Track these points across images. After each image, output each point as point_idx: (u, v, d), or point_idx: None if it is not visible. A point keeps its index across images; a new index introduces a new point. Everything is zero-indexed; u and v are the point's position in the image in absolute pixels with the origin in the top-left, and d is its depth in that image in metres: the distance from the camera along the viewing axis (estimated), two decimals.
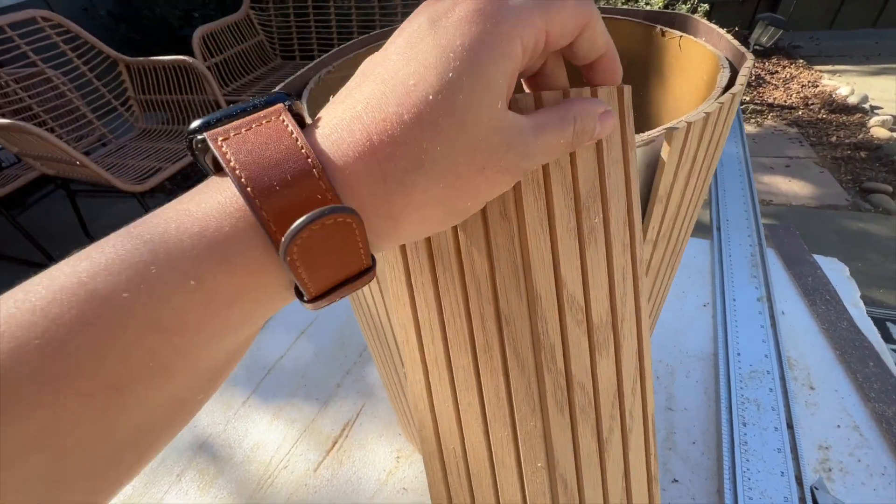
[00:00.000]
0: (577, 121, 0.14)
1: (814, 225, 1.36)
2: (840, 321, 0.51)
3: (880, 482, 0.38)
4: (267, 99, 0.12)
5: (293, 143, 0.12)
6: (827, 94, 2.03)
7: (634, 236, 0.15)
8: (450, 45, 0.12)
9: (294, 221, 0.11)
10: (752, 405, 0.43)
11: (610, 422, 0.17)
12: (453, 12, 0.12)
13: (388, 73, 0.12)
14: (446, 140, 0.12)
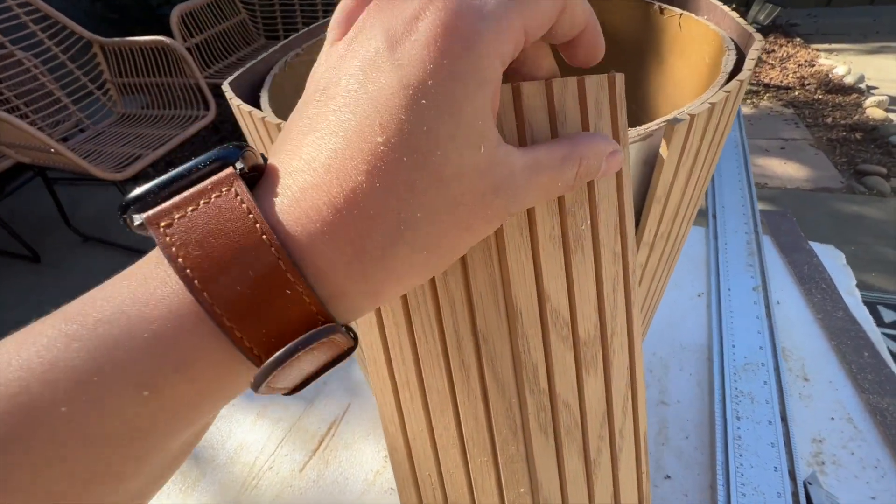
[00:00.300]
0: (582, 163, 0.12)
1: (808, 208, 1.35)
2: (836, 311, 0.50)
3: (873, 475, 0.37)
4: (214, 155, 0.10)
5: (251, 228, 0.10)
6: (823, 74, 2.00)
7: (627, 244, 0.14)
8: (419, 86, 0.10)
9: (261, 325, 0.10)
10: (747, 398, 0.42)
11: (598, 442, 0.16)
12: (416, 30, 0.10)
13: (346, 120, 0.10)
14: (426, 203, 0.10)
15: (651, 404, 0.44)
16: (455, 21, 0.10)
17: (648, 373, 0.47)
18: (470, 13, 0.10)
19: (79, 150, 1.30)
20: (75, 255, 1.51)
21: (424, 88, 0.10)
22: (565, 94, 0.12)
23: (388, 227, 0.10)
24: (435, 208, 0.10)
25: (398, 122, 0.10)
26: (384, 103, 0.10)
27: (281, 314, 0.10)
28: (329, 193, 0.10)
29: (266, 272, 0.10)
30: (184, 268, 0.09)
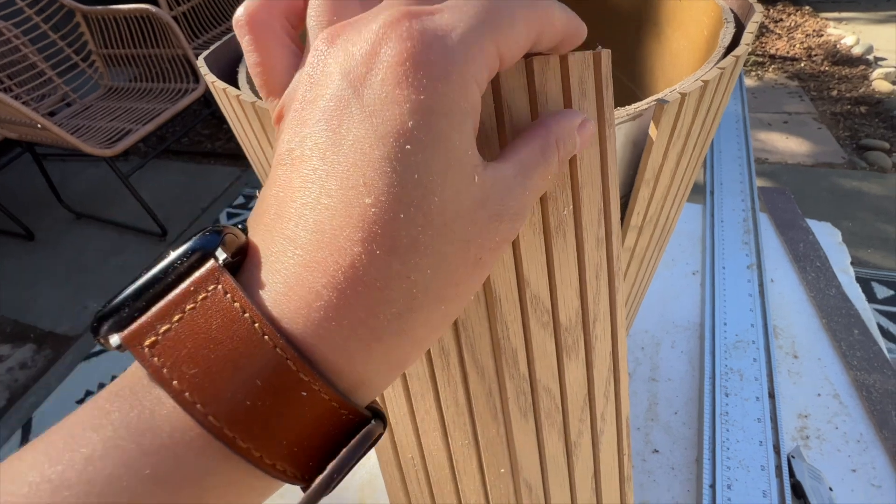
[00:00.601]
0: (561, 146, 0.11)
1: (808, 184, 1.34)
2: (829, 288, 0.51)
3: (855, 448, 0.38)
4: (191, 247, 0.09)
5: (249, 330, 0.08)
6: (831, 45, 1.94)
7: (611, 229, 0.13)
8: (398, 131, 0.08)
9: (280, 437, 0.08)
10: (736, 375, 0.43)
11: (579, 425, 0.16)
12: (378, 67, 0.08)
13: (324, 185, 0.09)
14: (433, 255, 0.09)
15: (642, 381, 0.45)
16: (423, 51, 0.08)
17: (640, 350, 0.48)
18: (436, 41, 0.08)
19: (67, 126, 1.27)
20: (69, 232, 1.50)
21: (405, 132, 0.08)
22: (547, 74, 0.11)
23: (398, 293, 0.09)
24: (444, 257, 0.09)
25: (384, 176, 0.08)
26: (364, 159, 0.08)
27: (300, 420, 0.09)
28: (326, 273, 0.09)
29: (275, 378, 0.08)
30: (181, 391, 0.08)
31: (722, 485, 0.36)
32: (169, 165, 1.73)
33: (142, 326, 0.08)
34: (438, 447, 0.17)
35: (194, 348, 0.08)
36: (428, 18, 0.09)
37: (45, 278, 1.36)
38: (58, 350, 1.17)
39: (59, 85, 1.35)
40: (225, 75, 0.22)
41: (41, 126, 1.03)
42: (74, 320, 1.23)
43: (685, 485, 0.37)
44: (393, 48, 0.08)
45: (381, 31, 0.09)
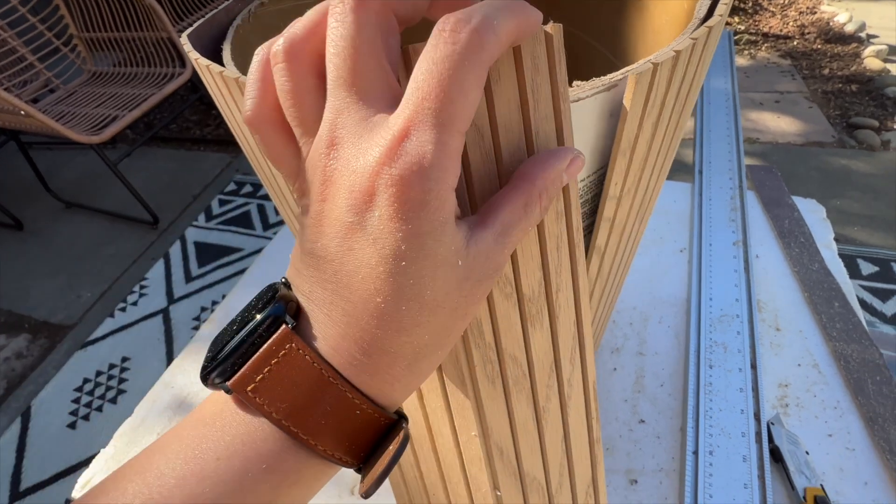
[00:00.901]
0: (544, 197, 0.13)
1: (797, 163, 1.35)
2: (812, 263, 0.52)
3: (832, 415, 0.40)
4: (267, 315, 0.13)
5: (320, 375, 0.12)
6: (824, 22, 1.93)
7: (570, 201, 0.14)
8: (395, 254, 0.11)
9: (346, 442, 0.13)
10: (720, 348, 0.44)
11: (547, 391, 0.17)
12: (376, 206, 0.11)
13: (346, 285, 0.12)
14: (432, 327, 0.12)
15: (630, 355, 0.46)
16: (406, 192, 0.11)
17: (628, 325, 0.49)
18: (414, 179, 0.11)
19: (51, 112, 1.25)
20: (59, 221, 1.48)
21: (400, 253, 0.11)
22: None
23: (408, 353, 0.12)
24: (440, 325, 0.12)
25: (388, 284, 0.11)
26: (372, 273, 0.11)
27: (357, 428, 0.13)
28: (357, 344, 0.12)
29: (338, 404, 0.12)
30: (278, 419, 0.12)
31: (704, 451, 0.37)
32: (158, 152, 1.71)
33: (243, 377, 0.12)
34: (415, 407, 0.18)
35: (282, 390, 0.12)
36: (404, 155, 0.11)
37: (37, 268, 1.35)
38: (53, 339, 1.17)
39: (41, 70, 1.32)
40: (209, 53, 0.22)
41: (25, 113, 1.01)
42: (69, 309, 1.23)
43: (670, 452, 0.39)
44: (385, 193, 0.11)
45: (371, 179, 0.11)
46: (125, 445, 0.44)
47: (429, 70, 0.11)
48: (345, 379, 0.12)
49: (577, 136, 0.15)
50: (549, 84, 0.13)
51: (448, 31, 0.11)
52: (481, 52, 0.11)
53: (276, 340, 0.12)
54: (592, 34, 0.28)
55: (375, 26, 0.11)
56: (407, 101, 0.11)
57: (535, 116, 0.13)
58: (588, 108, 0.15)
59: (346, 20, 0.11)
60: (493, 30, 0.11)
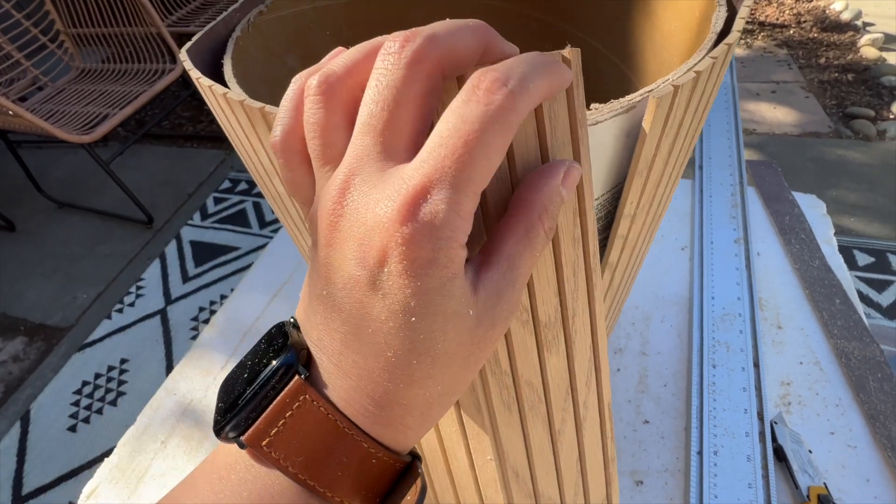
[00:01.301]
0: (545, 217, 0.12)
1: (794, 154, 1.35)
2: (813, 260, 0.52)
3: (834, 412, 0.40)
4: (279, 364, 0.12)
5: (335, 427, 0.12)
6: (820, 11, 1.93)
7: (587, 227, 0.13)
8: (404, 309, 0.11)
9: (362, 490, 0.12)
10: (723, 347, 0.45)
11: (562, 414, 0.17)
12: (387, 263, 0.11)
13: (357, 339, 0.12)
14: (443, 378, 0.12)
15: (633, 355, 0.46)
16: (416, 251, 0.11)
17: (631, 325, 0.49)
18: (425, 239, 0.10)
19: (39, 111, 1.22)
20: (51, 222, 1.46)
21: (410, 309, 0.11)
22: None
23: (420, 404, 0.12)
24: (452, 375, 0.12)
25: (398, 339, 0.11)
26: (382, 328, 0.11)
27: (373, 476, 0.13)
28: (369, 396, 0.12)
29: (356, 454, 0.12)
30: (294, 473, 0.12)
31: (709, 451, 0.37)
32: (150, 150, 1.69)
33: (258, 431, 0.12)
34: (430, 433, 0.17)
35: (298, 443, 0.12)
36: (417, 214, 0.10)
37: (31, 270, 1.33)
38: (50, 342, 1.16)
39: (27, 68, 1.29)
40: (209, 66, 0.22)
41: (12, 113, 0.99)
42: (65, 311, 1.22)
43: (674, 452, 0.39)
44: (396, 253, 0.11)
45: (382, 236, 0.11)
46: (129, 454, 0.44)
47: (456, 128, 0.10)
48: (359, 429, 0.12)
49: (593, 156, 0.15)
50: (567, 110, 0.12)
51: (483, 89, 0.10)
52: (513, 116, 0.10)
53: (289, 392, 0.12)
54: (600, 39, 0.28)
55: (423, 84, 0.11)
56: (428, 155, 0.11)
57: (553, 143, 0.12)
58: (605, 129, 0.14)
59: (396, 71, 0.11)
60: (529, 93, 0.11)
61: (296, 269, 0.59)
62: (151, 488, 0.41)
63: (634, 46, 0.27)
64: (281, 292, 0.56)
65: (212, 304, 1.19)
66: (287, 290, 0.56)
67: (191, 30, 1.43)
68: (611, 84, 0.29)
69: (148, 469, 0.43)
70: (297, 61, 0.28)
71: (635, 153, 0.15)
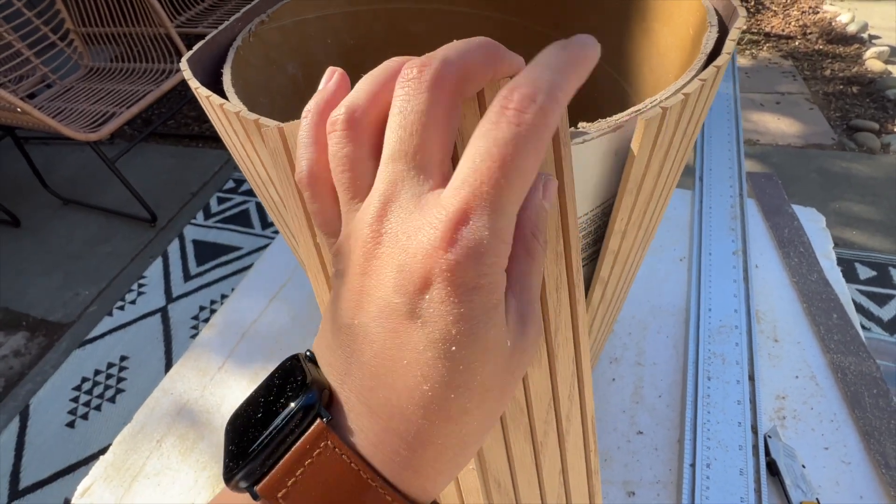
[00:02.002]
0: (538, 232, 0.12)
1: (797, 165, 1.35)
2: (811, 273, 0.52)
3: (829, 427, 0.40)
4: (299, 406, 0.11)
5: (358, 478, 0.11)
6: (826, 22, 1.93)
7: (570, 243, 0.14)
8: (445, 338, 0.10)
9: None
10: (718, 359, 0.45)
11: (545, 426, 0.17)
12: (429, 289, 0.10)
13: (390, 371, 0.11)
14: (479, 415, 0.12)
15: (628, 365, 0.46)
16: (459, 275, 0.10)
17: (627, 335, 0.49)
18: (469, 262, 0.10)
19: (47, 109, 1.24)
20: (56, 218, 1.47)
21: (450, 338, 0.10)
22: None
23: (454, 444, 0.12)
24: (488, 409, 0.12)
25: (436, 370, 0.11)
26: (419, 358, 0.11)
27: None
28: (401, 437, 0.11)
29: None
30: None
31: (701, 464, 0.37)
32: (156, 149, 1.70)
33: (273, 481, 0.11)
34: None
35: (316, 495, 0.11)
36: (460, 240, 0.10)
37: (35, 265, 1.34)
38: (51, 337, 1.17)
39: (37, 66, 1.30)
40: (210, 76, 0.22)
41: (21, 110, 1.00)
42: (67, 307, 1.23)
43: (667, 464, 0.39)
44: (440, 277, 0.10)
45: (425, 263, 0.10)
46: (124, 452, 0.44)
47: (489, 152, 0.10)
48: (385, 479, 0.11)
49: (581, 174, 0.15)
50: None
51: (513, 109, 0.10)
52: (545, 132, 0.10)
53: (309, 438, 0.11)
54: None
55: (445, 106, 0.11)
56: (464, 181, 0.10)
57: None
58: (593, 147, 0.15)
59: (418, 96, 0.11)
60: (558, 102, 0.11)
61: (295, 271, 0.59)
62: (145, 486, 0.41)
63: (632, 60, 0.27)
64: (279, 295, 0.57)
65: (212, 304, 1.19)
66: (285, 292, 0.57)
67: (199, 31, 1.44)
68: (608, 97, 0.30)
69: (143, 468, 0.43)
70: (297, 69, 0.28)
71: (625, 172, 0.15)
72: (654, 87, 0.25)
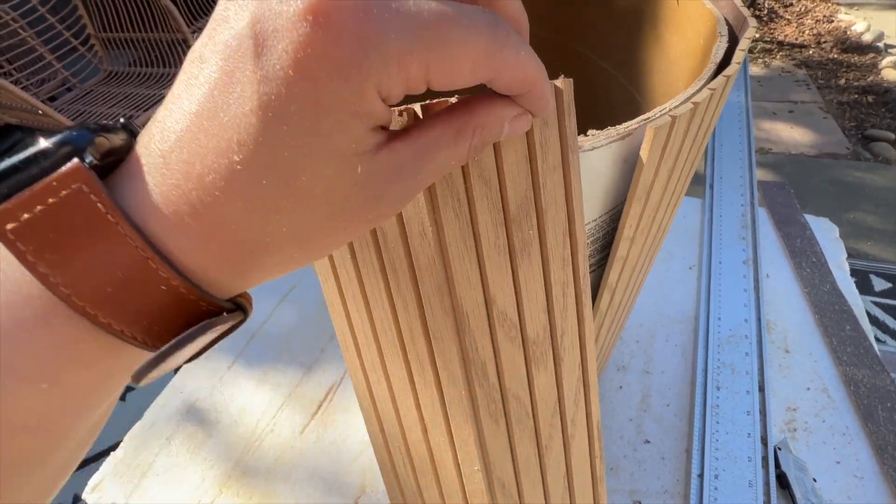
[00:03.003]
0: (477, 134, 0.11)
1: (810, 175, 1.33)
2: (823, 284, 0.51)
3: (841, 441, 0.40)
4: (61, 139, 0.09)
5: (112, 230, 0.09)
6: (841, 31, 1.91)
7: (577, 248, 0.14)
8: (280, 110, 0.09)
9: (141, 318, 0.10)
10: (728, 369, 0.44)
11: (550, 430, 0.17)
12: (283, 36, 0.08)
13: (203, 124, 0.09)
14: (291, 217, 0.10)
15: (636, 373, 0.46)
16: (331, 45, 0.08)
17: (635, 343, 0.49)
18: (350, 38, 0.08)
19: (67, 112, 1.27)
20: None
21: (286, 114, 0.09)
22: None
23: (252, 238, 0.10)
24: (307, 223, 0.10)
25: (255, 143, 0.09)
26: (242, 119, 0.09)
27: (160, 307, 0.10)
28: (190, 203, 0.09)
29: (135, 272, 0.09)
30: (44, 274, 0.09)
31: (709, 475, 0.37)
32: None
33: (4, 211, 0.09)
34: (420, 440, 0.18)
35: (56, 238, 0.09)
36: (357, 8, 0.08)
37: None
38: None
39: (58, 69, 1.34)
40: None
41: (42, 112, 1.03)
42: None
43: (674, 474, 0.39)
44: (304, 27, 0.08)
45: (305, 8, 0.08)
46: (134, 449, 0.45)
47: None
48: (149, 242, 0.09)
49: (590, 180, 0.15)
50: (559, 137, 0.13)
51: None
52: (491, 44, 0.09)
53: (59, 175, 0.09)
54: (607, 59, 0.28)
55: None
56: None
57: (543, 167, 0.13)
58: (602, 154, 0.15)
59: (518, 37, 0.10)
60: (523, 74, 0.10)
61: (304, 274, 0.60)
62: (154, 483, 0.42)
63: (641, 67, 0.27)
64: (289, 296, 0.57)
65: None
66: (294, 294, 0.57)
67: None
68: (618, 104, 0.30)
69: (152, 465, 0.43)
70: None
71: (633, 179, 0.15)
72: (664, 94, 0.26)
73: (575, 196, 0.13)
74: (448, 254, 0.13)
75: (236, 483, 0.41)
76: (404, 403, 0.17)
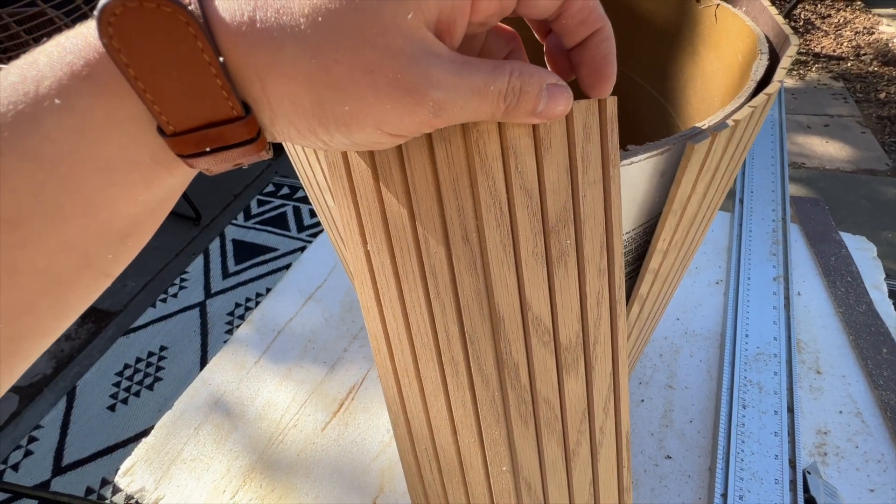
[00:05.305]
0: (514, 76, 0.11)
1: (846, 191, 1.28)
2: (859, 304, 0.50)
3: (875, 468, 0.38)
4: None
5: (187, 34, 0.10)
6: (882, 44, 1.84)
7: (614, 260, 0.14)
8: None
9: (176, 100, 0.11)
10: (755, 388, 0.43)
11: (578, 436, 0.17)
12: None
13: None
14: (327, 13, 0.10)
15: (658, 387, 0.45)
16: None
17: (658, 357, 0.48)
18: None
19: None
20: None
21: None
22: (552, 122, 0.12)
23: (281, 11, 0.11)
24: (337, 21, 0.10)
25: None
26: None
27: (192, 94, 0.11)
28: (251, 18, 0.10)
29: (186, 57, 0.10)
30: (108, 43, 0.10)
31: (734, 495, 0.36)
32: None
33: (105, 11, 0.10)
34: (448, 442, 0.18)
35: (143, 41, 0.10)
36: None
37: None
38: (99, 324, 1.24)
39: None
40: None
41: None
42: (115, 297, 1.31)
43: (697, 492, 0.38)
44: None
45: None
46: (164, 437, 0.47)
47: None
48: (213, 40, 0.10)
49: (626, 193, 0.16)
50: (600, 151, 0.13)
51: None
52: None
53: None
54: (641, 74, 0.28)
55: None
56: None
57: (584, 181, 0.13)
58: (640, 169, 0.15)
59: None
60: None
61: (331, 274, 0.61)
62: (181, 471, 0.44)
63: (676, 83, 0.27)
64: (315, 296, 0.59)
65: (247, 301, 1.24)
66: (320, 294, 0.59)
67: None
68: (651, 119, 0.30)
69: (180, 453, 0.45)
70: None
71: (670, 194, 0.16)
72: (698, 109, 0.26)
73: (614, 209, 0.13)
74: (488, 259, 0.13)
75: (259, 475, 0.42)
76: (434, 405, 0.17)
